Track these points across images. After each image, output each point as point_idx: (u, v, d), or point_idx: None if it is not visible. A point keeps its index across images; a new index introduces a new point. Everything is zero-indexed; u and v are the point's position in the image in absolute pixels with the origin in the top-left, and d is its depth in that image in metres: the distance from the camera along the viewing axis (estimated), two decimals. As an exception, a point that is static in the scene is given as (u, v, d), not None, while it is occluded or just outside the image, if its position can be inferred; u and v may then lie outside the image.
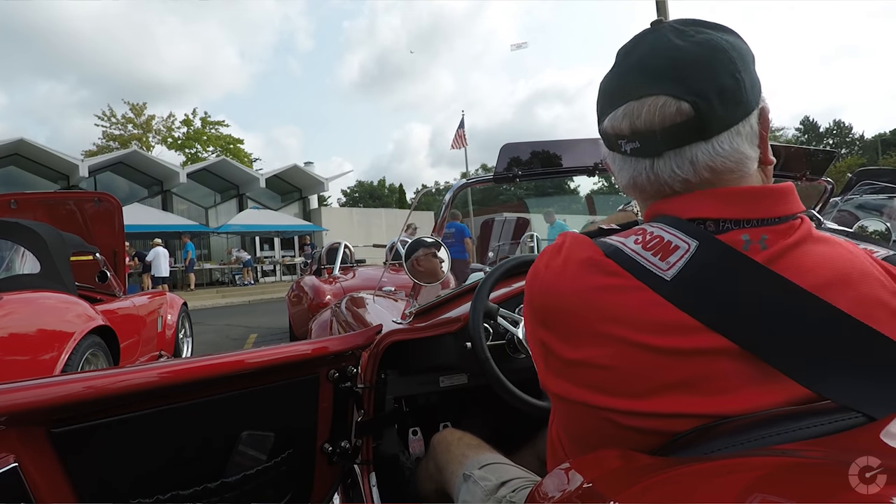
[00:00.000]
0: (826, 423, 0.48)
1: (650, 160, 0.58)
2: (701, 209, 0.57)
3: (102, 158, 18.08)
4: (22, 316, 2.63)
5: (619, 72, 0.61)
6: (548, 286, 0.60)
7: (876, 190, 5.14)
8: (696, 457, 0.50)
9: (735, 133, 0.56)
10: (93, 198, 4.46)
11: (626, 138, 0.59)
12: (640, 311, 0.54)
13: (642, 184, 0.61)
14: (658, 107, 0.55)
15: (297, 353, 1.03)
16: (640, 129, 0.57)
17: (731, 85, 0.55)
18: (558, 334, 0.58)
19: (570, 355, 0.57)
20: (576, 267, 0.58)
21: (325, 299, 4.81)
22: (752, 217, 0.56)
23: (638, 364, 0.53)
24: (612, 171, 0.66)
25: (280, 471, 1.06)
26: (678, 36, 0.57)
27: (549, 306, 0.59)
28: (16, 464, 0.74)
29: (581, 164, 1.59)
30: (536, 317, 0.62)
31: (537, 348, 0.63)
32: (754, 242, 0.55)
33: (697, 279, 0.53)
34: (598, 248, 0.59)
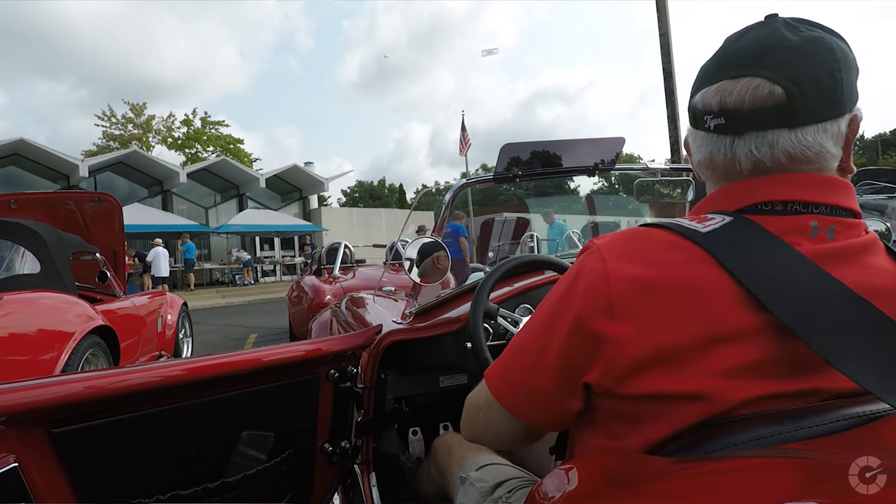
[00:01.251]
0: (826, 423, 0.48)
1: (731, 138, 0.60)
2: (774, 191, 0.59)
3: (102, 158, 18.08)
4: (22, 316, 2.63)
5: (723, 54, 0.62)
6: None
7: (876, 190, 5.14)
8: (697, 456, 0.50)
9: (822, 129, 0.57)
10: (93, 198, 4.46)
11: (713, 114, 0.60)
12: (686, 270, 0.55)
13: (717, 161, 0.62)
14: (752, 87, 0.57)
15: (297, 353, 1.03)
16: (729, 106, 0.59)
17: (828, 82, 0.56)
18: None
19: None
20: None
21: (325, 299, 4.81)
22: (821, 201, 0.58)
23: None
24: (690, 151, 0.68)
25: (280, 471, 1.06)
26: (788, 29, 0.58)
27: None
28: (16, 464, 0.74)
29: (581, 164, 1.59)
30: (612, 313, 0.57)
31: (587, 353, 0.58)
32: (822, 230, 0.57)
33: (728, 237, 0.56)
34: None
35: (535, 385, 0.64)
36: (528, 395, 0.66)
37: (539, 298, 1.43)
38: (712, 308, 0.53)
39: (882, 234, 1.55)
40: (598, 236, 0.64)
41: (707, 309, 0.53)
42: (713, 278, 0.54)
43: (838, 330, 0.51)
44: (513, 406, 0.68)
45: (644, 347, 0.54)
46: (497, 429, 0.74)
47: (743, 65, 0.58)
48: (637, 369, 0.55)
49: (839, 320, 0.51)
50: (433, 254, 1.44)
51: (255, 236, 19.82)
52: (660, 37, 7.44)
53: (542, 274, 1.51)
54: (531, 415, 0.67)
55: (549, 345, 0.61)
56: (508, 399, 0.68)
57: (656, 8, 7.42)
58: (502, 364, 0.70)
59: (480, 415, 0.75)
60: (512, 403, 0.68)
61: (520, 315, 1.32)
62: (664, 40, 7.39)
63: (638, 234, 0.60)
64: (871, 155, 38.73)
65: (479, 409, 0.75)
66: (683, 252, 0.56)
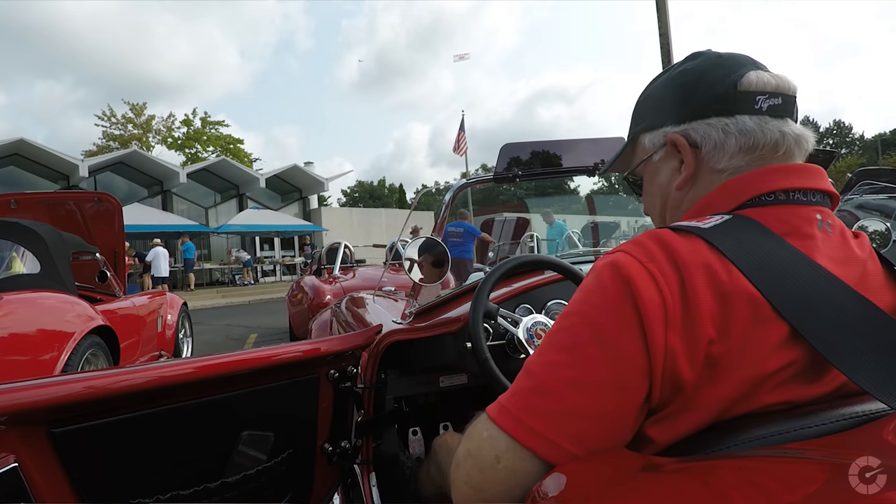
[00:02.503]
0: (826, 423, 0.48)
1: (781, 120, 0.62)
2: (777, 181, 0.60)
3: (102, 158, 18.08)
4: (22, 316, 2.63)
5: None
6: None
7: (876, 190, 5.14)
8: (697, 456, 0.50)
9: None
10: (93, 198, 4.46)
11: (768, 94, 0.62)
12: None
13: (762, 144, 0.62)
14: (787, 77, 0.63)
15: (297, 353, 1.03)
16: (784, 88, 0.63)
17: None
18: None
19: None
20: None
21: (325, 299, 4.81)
22: (816, 188, 0.61)
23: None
24: (701, 144, 0.64)
25: (280, 471, 1.06)
26: None
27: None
28: (16, 464, 0.74)
29: (581, 164, 1.59)
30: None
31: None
32: (824, 224, 0.60)
33: (728, 230, 0.57)
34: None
35: (591, 411, 0.53)
36: (582, 423, 0.54)
37: (539, 298, 1.43)
38: (742, 314, 0.52)
39: (882, 234, 1.55)
40: (616, 246, 0.60)
41: (737, 315, 0.52)
42: (734, 283, 0.53)
43: (837, 326, 0.51)
44: (539, 438, 0.54)
45: (691, 358, 0.52)
46: (519, 482, 0.55)
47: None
48: (683, 388, 0.52)
49: (838, 317, 0.52)
50: (433, 253, 1.44)
51: (255, 236, 19.82)
52: (660, 37, 7.44)
53: (542, 274, 1.50)
54: (579, 446, 0.53)
55: (590, 358, 0.54)
56: (547, 436, 0.53)
57: (656, 8, 7.42)
58: (517, 394, 0.57)
59: (500, 467, 0.55)
60: (540, 434, 0.53)
61: (520, 315, 1.32)
62: (664, 40, 7.38)
63: (656, 235, 0.57)
64: (871, 155, 38.71)
65: (498, 459, 0.55)
66: (703, 252, 0.55)
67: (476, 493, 0.57)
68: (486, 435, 0.57)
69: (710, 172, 0.65)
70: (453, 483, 0.61)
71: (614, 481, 0.50)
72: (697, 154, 0.65)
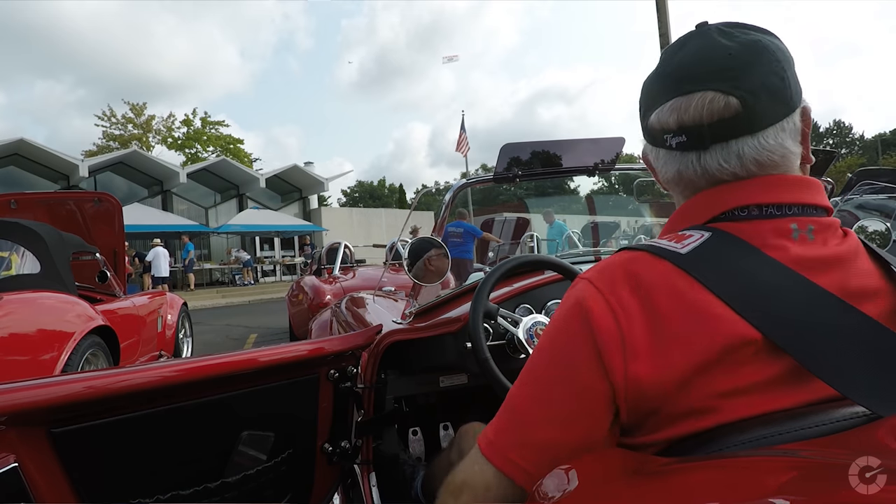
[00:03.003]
0: (826, 423, 0.48)
1: (697, 154, 0.60)
2: (749, 196, 0.59)
3: (102, 158, 18.08)
4: (22, 316, 2.63)
5: (665, 70, 0.62)
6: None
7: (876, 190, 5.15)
8: (697, 457, 0.50)
9: (780, 129, 0.58)
10: (93, 198, 4.46)
11: (672, 132, 0.60)
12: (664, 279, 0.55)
13: (690, 177, 0.62)
14: (707, 101, 0.57)
15: (297, 353, 1.03)
16: (688, 123, 0.58)
17: (777, 83, 0.57)
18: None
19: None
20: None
21: (325, 299, 4.81)
22: (794, 202, 0.58)
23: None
24: (653, 167, 0.67)
25: (280, 471, 1.06)
26: (724, 37, 0.59)
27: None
28: (16, 464, 0.74)
29: (581, 164, 1.59)
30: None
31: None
32: (803, 232, 0.58)
33: (708, 255, 0.56)
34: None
35: (552, 441, 0.57)
36: (544, 452, 0.57)
37: (539, 298, 1.43)
38: (707, 331, 0.52)
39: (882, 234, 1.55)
40: (584, 271, 0.62)
41: (703, 332, 0.52)
42: (700, 300, 0.53)
43: (822, 340, 0.51)
44: (520, 470, 0.58)
45: (659, 382, 0.53)
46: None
47: (691, 81, 0.58)
48: (655, 410, 0.54)
49: (824, 329, 0.52)
50: (432, 253, 1.45)
51: (255, 236, 19.83)
52: (660, 37, 7.44)
53: (542, 274, 1.51)
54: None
55: (566, 387, 0.57)
56: (515, 464, 0.58)
57: (656, 8, 7.42)
58: (502, 430, 0.61)
59: (491, 495, 0.60)
60: (520, 467, 0.58)
61: (520, 315, 1.32)
62: (664, 40, 7.39)
63: (624, 260, 0.59)
64: (871, 155, 38.72)
65: (488, 488, 0.60)
66: (671, 276, 0.55)
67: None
68: (477, 469, 0.61)
69: (669, 189, 0.67)
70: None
71: (614, 481, 0.50)
72: (654, 170, 0.68)
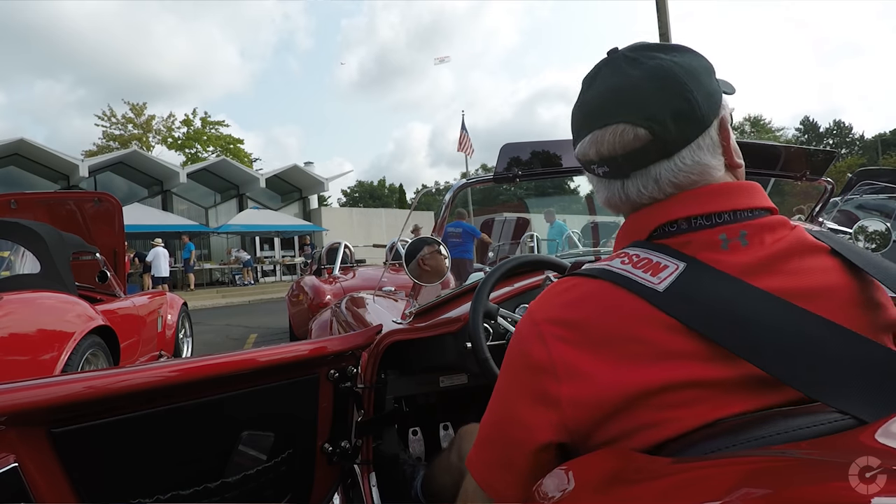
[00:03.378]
0: (823, 423, 0.48)
1: (620, 181, 0.63)
2: (671, 212, 0.60)
3: (102, 158, 18.08)
4: (22, 316, 2.63)
5: (584, 101, 0.64)
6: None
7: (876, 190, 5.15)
8: (694, 457, 0.50)
9: (696, 147, 0.59)
10: (93, 198, 4.47)
11: (595, 163, 0.63)
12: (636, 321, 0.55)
13: (616, 202, 0.65)
14: (618, 134, 0.59)
15: (297, 353, 1.03)
16: (605, 154, 0.61)
17: (683, 106, 0.58)
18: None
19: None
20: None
21: (325, 299, 4.81)
22: (724, 209, 0.59)
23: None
24: (594, 188, 0.70)
25: (280, 471, 1.06)
26: (630, 65, 0.60)
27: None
28: (16, 464, 0.74)
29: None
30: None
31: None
32: (734, 240, 0.58)
33: (687, 292, 0.55)
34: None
35: (509, 460, 0.60)
36: (505, 472, 0.61)
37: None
38: (649, 342, 0.53)
39: (882, 234, 1.55)
40: (534, 300, 0.65)
41: (646, 346, 0.53)
42: (642, 311, 0.54)
43: (775, 342, 0.52)
44: (489, 486, 0.62)
45: (595, 403, 0.54)
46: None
47: (604, 114, 0.60)
48: (596, 424, 0.55)
49: (773, 332, 0.52)
50: (422, 249, 1.44)
51: (255, 236, 19.83)
52: (659, 37, 7.45)
53: (541, 274, 1.51)
54: (505, 494, 0.61)
55: (511, 415, 0.60)
56: (485, 479, 0.63)
57: (656, 8, 7.43)
58: (477, 445, 0.66)
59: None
60: (488, 483, 0.62)
61: (520, 315, 1.32)
62: (664, 40, 7.39)
63: (568, 287, 0.61)
64: (871, 155, 38.72)
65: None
66: (628, 305, 0.55)
67: None
68: (472, 488, 0.67)
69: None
70: None
71: (613, 482, 0.50)
72: None
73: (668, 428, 0.52)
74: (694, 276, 0.56)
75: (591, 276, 0.60)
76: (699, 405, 0.52)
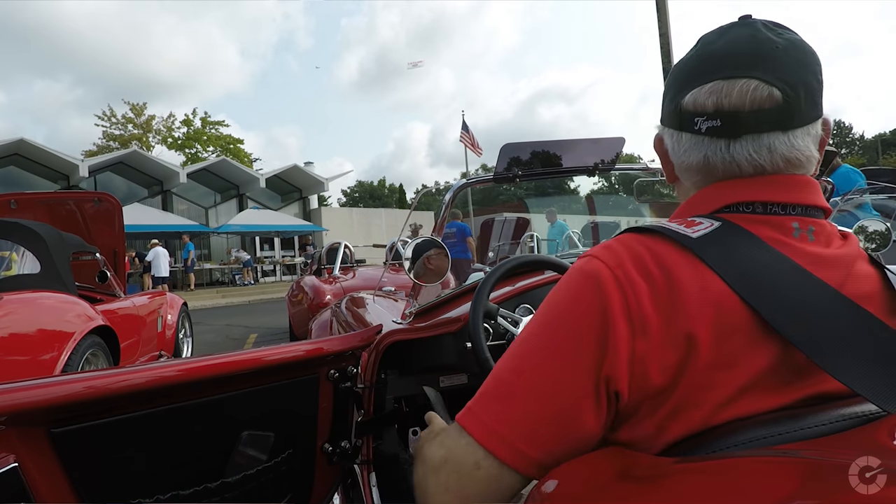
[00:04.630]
0: (825, 423, 0.48)
1: (726, 141, 0.59)
2: (755, 193, 0.59)
3: (102, 158, 18.08)
4: (22, 316, 2.62)
5: (705, 54, 0.61)
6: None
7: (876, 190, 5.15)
8: (698, 457, 0.50)
9: (807, 132, 0.59)
10: (93, 198, 4.46)
11: (706, 116, 0.59)
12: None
13: (714, 164, 0.60)
14: (750, 89, 0.56)
15: (297, 353, 1.03)
16: (726, 108, 0.57)
17: (814, 85, 0.58)
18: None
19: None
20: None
21: (325, 299, 4.81)
22: (798, 202, 0.58)
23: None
24: (669, 154, 0.66)
25: (280, 471, 1.06)
26: (770, 31, 0.58)
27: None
28: (16, 464, 0.74)
29: (581, 164, 1.59)
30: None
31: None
32: (803, 231, 0.58)
33: (717, 240, 0.55)
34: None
35: (550, 416, 0.54)
36: (548, 426, 0.54)
37: (539, 298, 1.43)
38: (711, 313, 0.52)
39: (882, 234, 1.55)
40: (591, 248, 0.61)
41: (707, 315, 0.52)
42: (710, 285, 0.53)
43: (831, 334, 0.51)
44: (509, 445, 0.55)
45: (662, 365, 0.52)
46: (497, 486, 0.56)
47: (736, 66, 0.57)
48: (656, 394, 0.53)
49: (831, 324, 0.52)
50: (433, 253, 1.45)
51: (255, 236, 19.82)
52: (660, 37, 7.44)
53: (542, 274, 1.51)
54: (546, 452, 0.54)
55: (564, 364, 0.55)
56: (514, 445, 0.54)
57: (656, 8, 7.42)
58: (485, 401, 0.58)
59: (480, 474, 0.56)
60: (509, 442, 0.55)
61: (520, 315, 1.32)
62: (664, 40, 7.38)
63: (633, 240, 0.58)
64: (871, 155, 38.70)
65: (478, 466, 0.56)
66: (680, 259, 0.55)
67: (455, 498, 0.57)
68: (464, 442, 0.58)
69: (683, 177, 0.66)
70: (427, 489, 0.61)
71: (614, 482, 0.50)
72: (667, 158, 0.67)
73: (695, 413, 0.52)
74: (725, 233, 0.56)
75: (644, 230, 0.59)
76: (743, 394, 0.52)
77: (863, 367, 0.49)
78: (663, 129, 0.66)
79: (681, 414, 0.53)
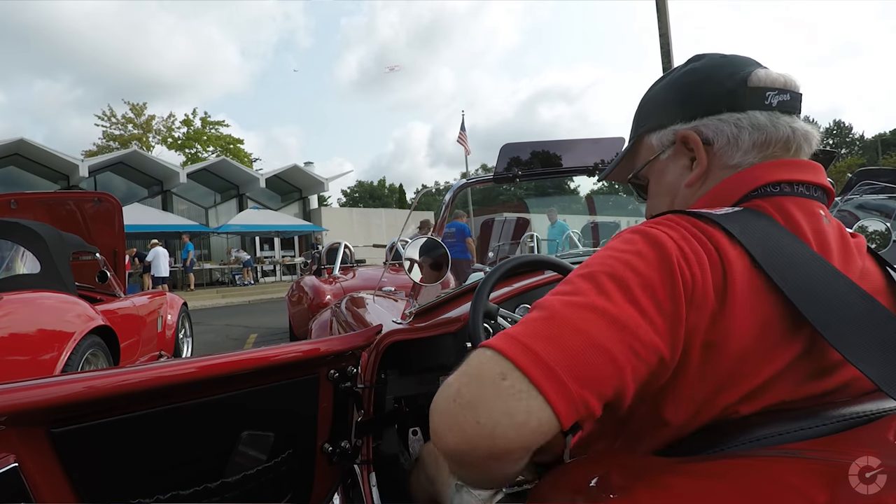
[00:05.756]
0: (826, 423, 0.48)
1: (790, 116, 0.63)
2: (783, 173, 0.61)
3: (102, 158, 18.08)
4: (22, 316, 2.62)
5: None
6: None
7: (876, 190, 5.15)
8: (699, 456, 0.50)
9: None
10: (93, 198, 4.46)
11: (777, 90, 0.63)
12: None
13: (774, 141, 0.63)
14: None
15: (297, 353, 1.03)
16: (792, 85, 0.64)
17: None
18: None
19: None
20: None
21: (325, 299, 4.81)
22: (819, 183, 0.62)
23: None
24: (714, 140, 0.64)
25: (280, 471, 1.06)
26: None
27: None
28: (16, 464, 0.74)
29: (581, 164, 1.59)
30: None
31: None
32: (826, 217, 0.61)
33: (739, 219, 0.57)
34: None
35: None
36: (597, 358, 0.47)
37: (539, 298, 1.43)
38: (756, 304, 0.52)
39: (882, 234, 1.55)
40: (638, 224, 0.59)
41: (753, 306, 0.52)
42: (747, 271, 0.53)
43: (852, 324, 0.51)
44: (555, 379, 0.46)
45: (705, 342, 0.52)
46: (522, 406, 0.45)
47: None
48: (689, 364, 0.52)
49: (851, 315, 0.52)
50: (433, 253, 1.45)
51: (255, 236, 19.82)
52: (660, 37, 7.44)
53: (542, 274, 1.51)
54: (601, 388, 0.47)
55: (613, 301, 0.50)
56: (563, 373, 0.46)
57: (656, 8, 7.42)
58: (529, 328, 0.50)
59: (505, 384, 0.46)
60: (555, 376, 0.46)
61: (520, 315, 1.32)
62: (664, 40, 7.38)
63: (684, 220, 0.57)
64: (871, 155, 38.71)
65: (504, 376, 0.46)
66: (726, 242, 0.55)
67: (465, 410, 0.46)
68: (489, 354, 0.49)
69: (721, 168, 0.65)
70: (434, 404, 0.50)
71: (616, 482, 0.50)
72: (710, 150, 0.65)
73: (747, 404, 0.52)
74: (746, 215, 0.58)
75: (680, 213, 0.59)
76: (776, 380, 0.53)
77: (877, 356, 0.49)
78: (699, 122, 0.65)
79: (708, 401, 0.53)
